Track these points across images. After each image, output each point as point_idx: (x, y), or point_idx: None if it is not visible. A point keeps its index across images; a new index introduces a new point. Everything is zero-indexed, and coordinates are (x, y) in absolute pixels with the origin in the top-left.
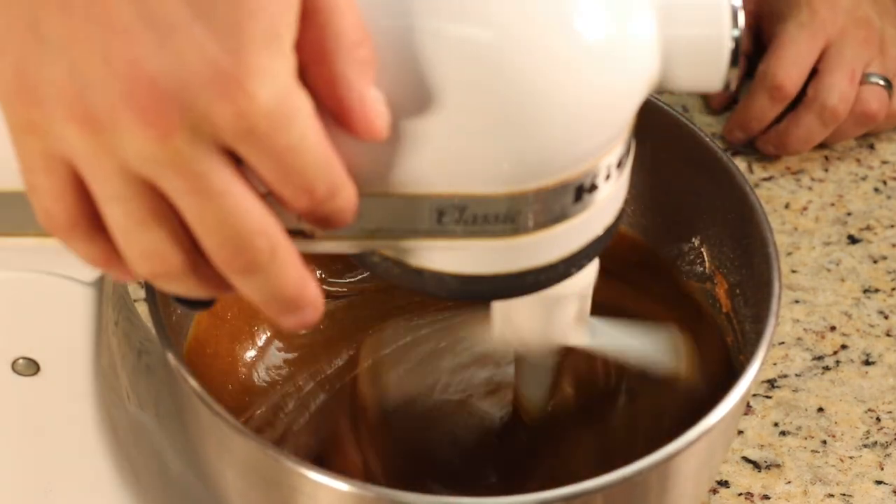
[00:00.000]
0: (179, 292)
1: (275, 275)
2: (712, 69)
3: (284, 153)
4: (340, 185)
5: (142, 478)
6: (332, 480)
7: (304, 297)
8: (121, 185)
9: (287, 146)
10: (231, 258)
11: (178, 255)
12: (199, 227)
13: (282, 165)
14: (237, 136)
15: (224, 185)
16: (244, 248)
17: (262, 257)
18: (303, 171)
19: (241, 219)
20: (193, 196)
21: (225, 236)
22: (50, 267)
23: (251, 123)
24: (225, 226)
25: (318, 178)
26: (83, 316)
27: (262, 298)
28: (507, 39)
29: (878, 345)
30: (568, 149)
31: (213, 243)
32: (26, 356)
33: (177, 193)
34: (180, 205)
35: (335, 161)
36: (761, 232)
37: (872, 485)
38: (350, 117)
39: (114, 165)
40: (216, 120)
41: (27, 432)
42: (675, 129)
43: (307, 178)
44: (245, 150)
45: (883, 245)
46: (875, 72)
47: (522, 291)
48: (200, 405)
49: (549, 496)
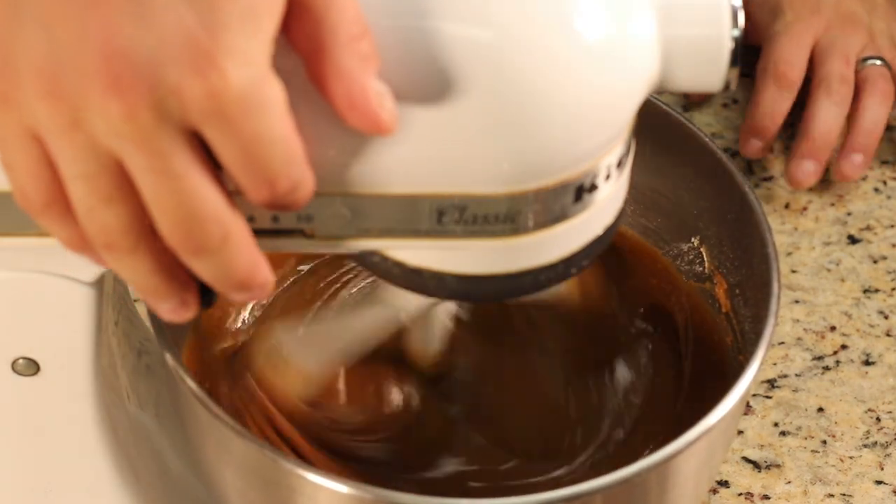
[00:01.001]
0: (136, 273)
1: (226, 259)
2: (712, 69)
3: (251, 141)
4: (302, 182)
5: (142, 478)
6: (331, 481)
7: (254, 279)
8: (87, 162)
9: (254, 134)
10: (183, 240)
11: (136, 234)
12: (154, 206)
13: (246, 153)
14: (205, 115)
15: (183, 168)
16: (196, 231)
17: (212, 242)
18: (267, 162)
19: (195, 203)
20: (153, 174)
21: (178, 218)
22: (50, 267)
23: (220, 104)
24: (179, 208)
25: (282, 173)
26: (83, 316)
27: (212, 278)
28: (508, 39)
29: (878, 345)
30: (568, 149)
31: (166, 223)
32: (26, 356)
33: (138, 170)
34: (140, 183)
35: (301, 157)
36: (761, 232)
37: (872, 485)
38: (354, 111)
39: (81, 141)
40: (186, 96)
41: (27, 432)
42: (675, 129)
43: (271, 170)
44: (211, 132)
45: (883, 245)
46: (870, 54)
47: (522, 291)
48: (200, 406)
49: (549, 496)
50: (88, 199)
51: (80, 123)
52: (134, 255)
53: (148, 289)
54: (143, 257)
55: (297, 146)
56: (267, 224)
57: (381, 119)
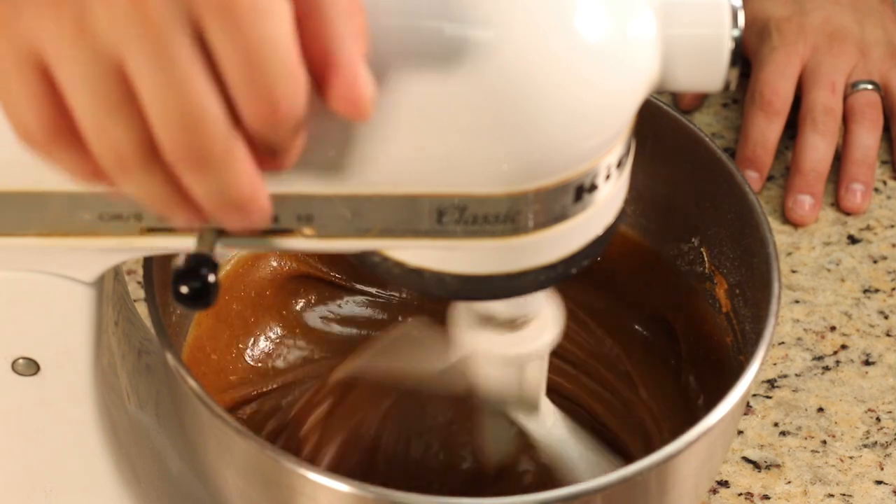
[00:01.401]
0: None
1: (227, 175)
2: (712, 69)
3: (256, 44)
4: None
5: (142, 478)
6: (331, 481)
7: (254, 201)
8: (89, 67)
9: (260, 38)
10: (184, 148)
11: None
12: (155, 110)
13: (250, 58)
14: (213, 10)
15: (188, 67)
16: (198, 140)
17: (217, 149)
18: (270, 72)
19: (199, 104)
20: (157, 74)
21: (181, 124)
22: (50, 267)
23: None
24: (182, 111)
25: (283, 90)
26: (83, 316)
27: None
28: (508, 40)
29: (878, 345)
30: (568, 149)
31: (167, 129)
32: (26, 356)
33: (141, 72)
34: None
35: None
36: (761, 232)
37: (872, 485)
38: (337, 79)
39: (84, 45)
40: None
41: (27, 432)
42: (675, 129)
43: (273, 82)
44: (217, 33)
45: (883, 245)
46: (860, 78)
47: (522, 291)
48: (200, 405)
49: (549, 496)
50: (96, 112)
51: (84, 24)
52: (148, 171)
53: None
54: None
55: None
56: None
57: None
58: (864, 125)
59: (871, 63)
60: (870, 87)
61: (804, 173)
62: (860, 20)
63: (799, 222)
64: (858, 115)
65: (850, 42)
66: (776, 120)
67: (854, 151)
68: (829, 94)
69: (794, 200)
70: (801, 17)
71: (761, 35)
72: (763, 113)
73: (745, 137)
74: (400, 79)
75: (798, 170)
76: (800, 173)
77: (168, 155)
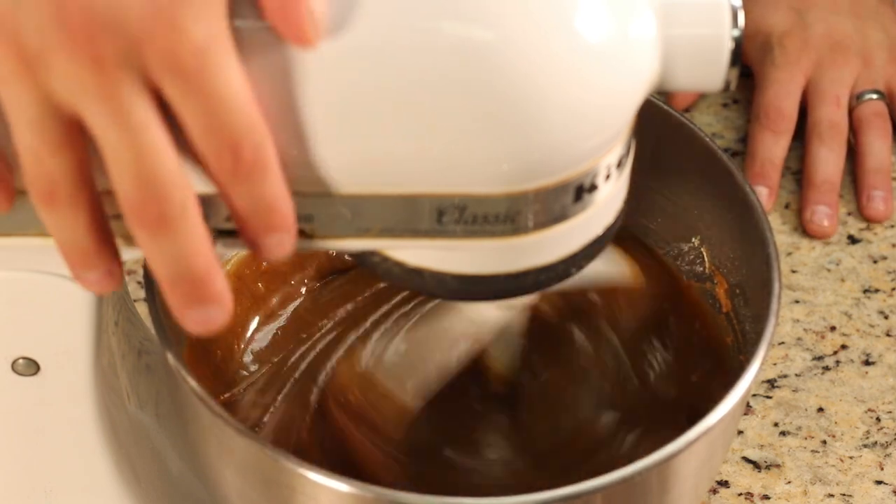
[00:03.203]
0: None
1: (183, 238)
2: (712, 69)
3: (211, 97)
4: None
5: (142, 478)
6: (331, 481)
7: (212, 282)
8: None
9: (214, 90)
10: (142, 203)
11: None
12: (115, 164)
13: (208, 110)
14: (166, 69)
15: (145, 122)
16: (156, 192)
17: (173, 209)
18: (229, 121)
19: (157, 159)
20: (114, 129)
21: (139, 176)
22: (50, 267)
23: (181, 59)
24: (141, 164)
25: (244, 136)
26: (83, 316)
27: (168, 269)
28: (508, 40)
29: (878, 345)
30: (568, 149)
31: (126, 182)
32: (26, 356)
33: (98, 126)
34: (100, 139)
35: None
36: (761, 232)
37: (872, 485)
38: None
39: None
40: (147, 50)
41: (27, 432)
42: (676, 129)
43: (233, 130)
44: (172, 89)
45: (883, 245)
46: (865, 88)
47: (522, 291)
48: (200, 405)
49: (549, 496)
50: (36, 145)
51: (35, 69)
52: (73, 207)
53: (78, 251)
54: (82, 211)
55: (258, 116)
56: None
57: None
58: (873, 134)
59: (874, 70)
60: (875, 96)
61: (817, 185)
62: (861, 26)
63: (820, 235)
64: (866, 125)
65: (852, 52)
66: (783, 137)
67: (868, 160)
68: (834, 109)
69: (811, 212)
70: (803, 30)
71: (763, 49)
72: (769, 132)
73: (753, 155)
74: (400, 79)
75: (811, 183)
76: (813, 186)
77: (125, 212)
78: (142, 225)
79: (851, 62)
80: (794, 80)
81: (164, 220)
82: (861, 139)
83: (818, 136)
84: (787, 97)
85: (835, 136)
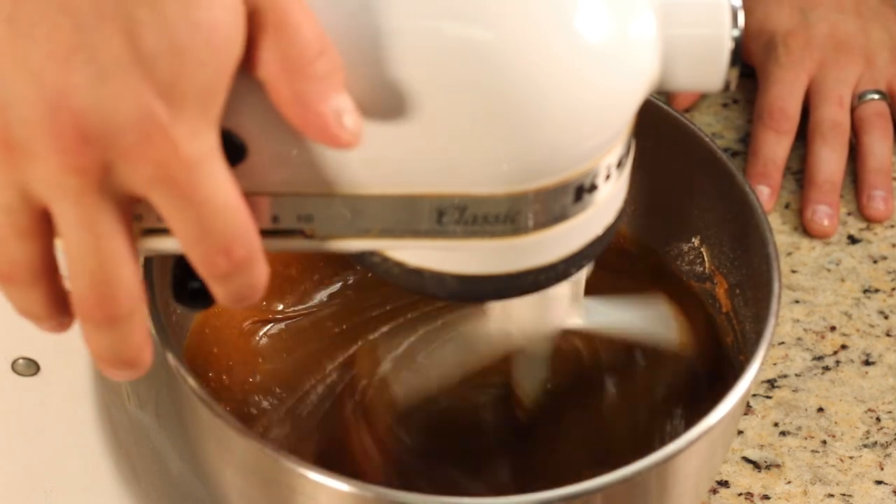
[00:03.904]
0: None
1: (124, 335)
2: (712, 69)
3: (203, 206)
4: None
5: (142, 478)
6: (331, 480)
7: (140, 359)
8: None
9: (205, 200)
10: (93, 305)
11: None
12: (74, 263)
13: (200, 218)
14: (155, 182)
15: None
16: (108, 296)
17: (120, 314)
18: (221, 227)
19: (115, 267)
20: (80, 231)
21: (95, 279)
22: None
23: (171, 172)
24: (99, 269)
25: (237, 239)
26: None
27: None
28: (508, 40)
29: (878, 345)
30: (568, 149)
31: (82, 281)
32: (26, 356)
33: (66, 225)
34: (64, 236)
35: (255, 231)
36: (761, 232)
37: (872, 485)
38: (312, 131)
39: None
40: (135, 164)
41: (27, 432)
42: (675, 129)
43: (225, 235)
44: (161, 199)
45: (883, 245)
46: (867, 88)
47: (522, 291)
48: (200, 405)
49: (549, 496)
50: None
51: (17, 159)
52: (31, 289)
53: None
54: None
55: (249, 221)
56: (267, 224)
57: (341, 137)
58: (874, 134)
59: (877, 70)
60: (877, 96)
61: (819, 185)
62: (864, 26)
63: (820, 234)
64: (868, 125)
65: (855, 52)
66: (785, 137)
67: (869, 160)
68: (836, 109)
69: (812, 211)
70: (807, 29)
71: (767, 48)
72: (772, 132)
73: (755, 154)
74: (400, 79)
75: (812, 182)
76: (814, 185)
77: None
78: (87, 320)
79: (855, 62)
80: (798, 79)
81: (110, 320)
82: (862, 139)
83: (821, 135)
84: (791, 97)
85: (837, 136)
